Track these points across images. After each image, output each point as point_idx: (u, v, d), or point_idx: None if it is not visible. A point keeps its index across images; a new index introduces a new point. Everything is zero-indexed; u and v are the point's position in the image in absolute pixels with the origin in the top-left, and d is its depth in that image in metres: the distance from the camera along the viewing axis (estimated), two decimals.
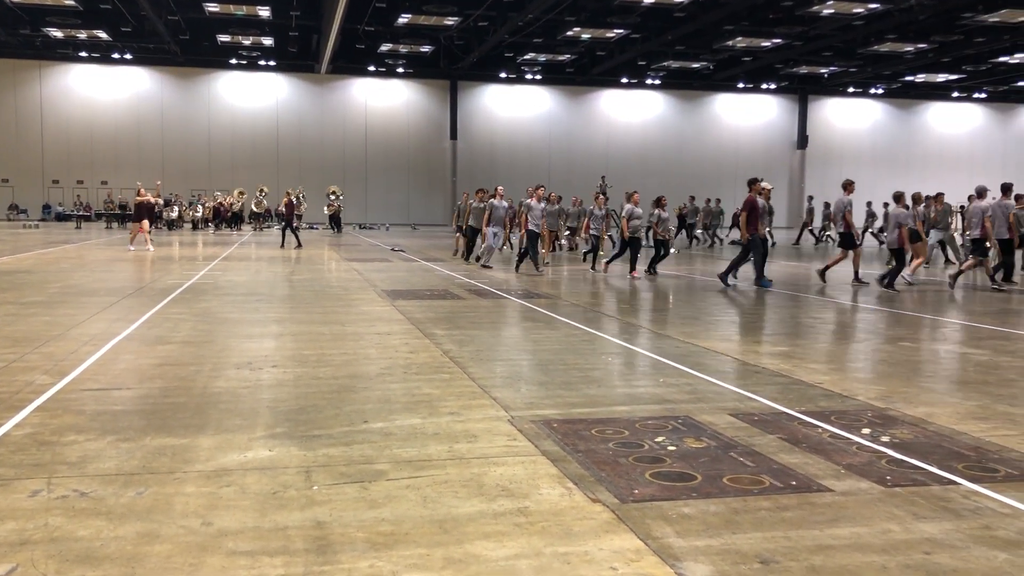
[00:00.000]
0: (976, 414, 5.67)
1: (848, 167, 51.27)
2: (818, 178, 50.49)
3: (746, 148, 51.10)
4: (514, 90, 49.01)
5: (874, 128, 52.91)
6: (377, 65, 45.68)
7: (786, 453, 4.71)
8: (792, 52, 39.91)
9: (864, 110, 52.95)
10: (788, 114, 52.20)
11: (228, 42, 42.21)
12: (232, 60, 45.35)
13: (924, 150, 52.75)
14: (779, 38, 37.23)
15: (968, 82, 48.04)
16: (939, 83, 48.91)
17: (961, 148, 53.15)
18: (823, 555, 3.35)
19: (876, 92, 51.71)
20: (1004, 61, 41.22)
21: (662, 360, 7.62)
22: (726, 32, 36.20)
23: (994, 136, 54.14)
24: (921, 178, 42.99)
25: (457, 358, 7.48)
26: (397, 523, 3.61)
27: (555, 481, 4.19)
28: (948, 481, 4.26)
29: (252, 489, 4.02)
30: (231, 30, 39.79)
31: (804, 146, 51.74)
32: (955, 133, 53.67)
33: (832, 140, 52.15)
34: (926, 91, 51.37)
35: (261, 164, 45.91)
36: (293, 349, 7.95)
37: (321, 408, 5.60)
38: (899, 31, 34.96)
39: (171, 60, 43.93)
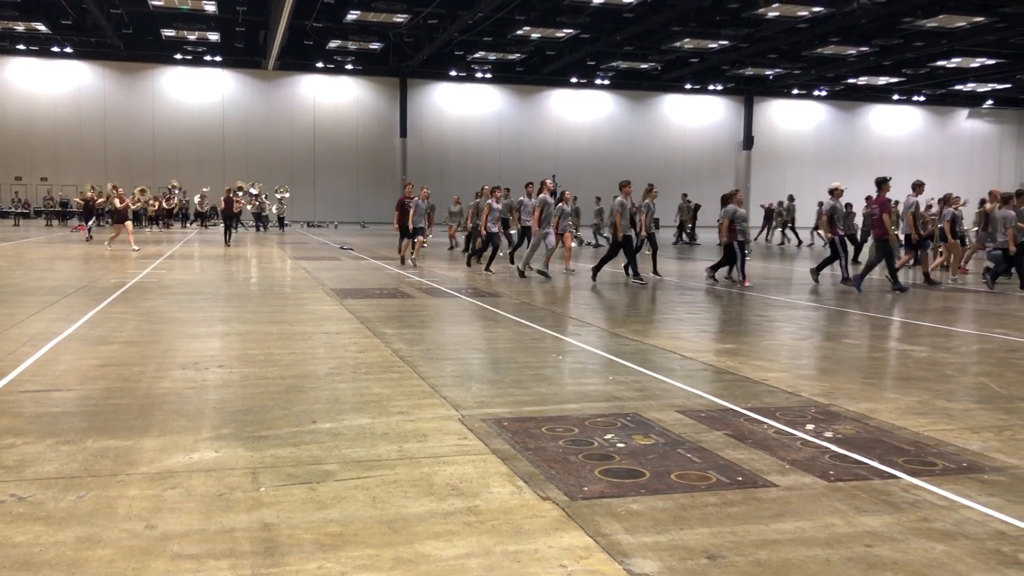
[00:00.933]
0: (916, 409, 5.82)
1: (792, 167, 52.17)
2: (763, 178, 51.35)
3: (693, 148, 51.71)
4: (464, 88, 48.93)
5: (818, 129, 53.91)
6: (326, 62, 45.24)
7: (732, 449, 4.77)
8: (738, 54, 40.48)
9: (808, 111, 53.91)
10: (734, 115, 52.93)
11: (173, 37, 41.45)
12: (177, 55, 44.53)
13: (866, 151, 53.89)
14: (725, 40, 37.74)
15: (908, 85, 49.20)
16: (880, 86, 50.03)
17: (901, 149, 54.41)
18: (768, 549, 3.41)
19: (819, 94, 52.69)
20: (942, 65, 42.29)
21: (612, 358, 7.67)
22: (674, 33, 36.57)
23: (932, 138, 55.54)
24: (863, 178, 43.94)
25: (407, 357, 7.45)
26: (346, 524, 3.59)
27: (505, 480, 4.19)
28: (889, 475, 4.36)
29: (198, 491, 3.95)
30: (176, 25, 39.07)
31: (750, 147, 52.51)
32: (895, 135, 54.93)
33: (777, 141, 53.01)
34: (868, 93, 52.50)
35: (207, 161, 45.18)
36: (240, 349, 7.84)
37: (269, 408, 5.53)
38: (842, 34, 35.66)
39: (114, 54, 43.00)
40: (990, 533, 3.61)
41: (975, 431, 5.26)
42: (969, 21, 32.42)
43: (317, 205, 48.00)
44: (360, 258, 20.93)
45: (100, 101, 44.89)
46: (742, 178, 51.80)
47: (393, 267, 17.97)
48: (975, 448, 4.88)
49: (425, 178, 40.56)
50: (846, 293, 14.02)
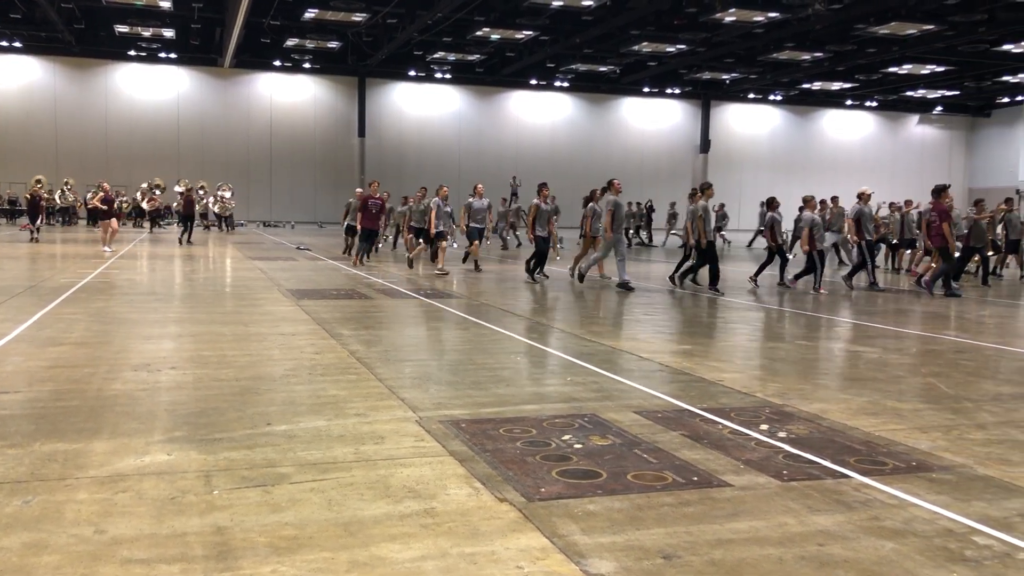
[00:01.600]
0: (867, 410, 5.92)
1: (748, 171, 52.83)
2: (720, 182, 51.73)
3: (651, 151, 52.10)
4: (424, 88, 48.77)
5: (773, 133, 54.62)
6: (283, 60, 44.79)
7: (688, 449, 4.81)
8: (695, 58, 40.87)
9: (764, 116, 54.61)
10: (691, 119, 53.42)
11: (127, 33, 40.72)
12: (131, 52, 43.77)
13: (819, 155, 54.73)
14: (683, 44, 38.08)
15: (861, 91, 50.08)
16: (834, 91, 50.85)
17: (854, 154, 55.34)
18: (723, 549, 3.44)
19: (775, 98, 53.40)
20: (894, 71, 43.10)
21: (570, 359, 7.69)
22: (632, 37, 36.81)
23: (884, 143, 56.58)
24: (817, 182, 44.55)
25: (364, 359, 7.40)
26: (301, 527, 3.55)
27: (462, 481, 4.18)
28: (840, 475, 4.43)
29: (149, 495, 3.89)
30: (130, 20, 38.39)
31: (707, 150, 53.04)
32: (848, 139, 55.86)
33: (733, 145, 53.61)
34: (822, 98, 53.33)
35: (161, 159, 44.47)
36: (193, 350, 7.73)
37: (222, 411, 5.46)
38: (797, 40, 36.17)
39: (65, 50, 42.14)
40: (938, 531, 3.68)
41: (924, 431, 5.36)
42: (919, 29, 33.08)
43: (273, 205, 47.51)
44: (317, 258, 20.76)
45: (51, 97, 43.96)
46: (699, 181, 52.30)
47: (350, 267, 17.83)
48: (924, 447, 4.98)
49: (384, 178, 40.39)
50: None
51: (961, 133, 57.49)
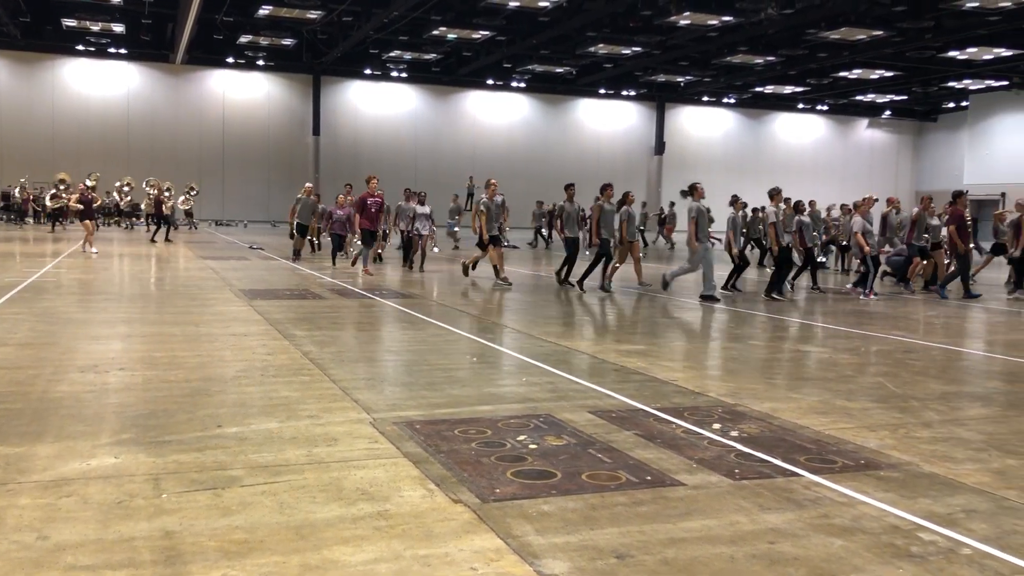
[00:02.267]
0: (817, 409, 6.01)
1: (702, 173, 53.36)
2: (674, 183, 52.21)
3: (607, 152, 52.36)
4: (380, 87, 48.44)
5: (727, 136, 55.23)
6: (236, 57, 44.16)
7: (642, 449, 4.84)
8: (651, 60, 41.16)
9: (717, 118, 55.19)
10: (647, 121, 53.80)
11: (75, 27, 39.83)
12: (79, 46, 42.83)
13: (772, 158, 55.45)
14: (638, 46, 38.32)
15: (812, 95, 50.86)
16: (786, 95, 51.57)
17: (805, 157, 56.18)
18: (675, 548, 3.46)
19: (729, 101, 54.00)
20: (844, 76, 43.86)
21: (526, 359, 7.70)
22: (588, 38, 36.95)
23: (835, 146, 57.52)
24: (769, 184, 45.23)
25: (318, 360, 7.33)
26: (251, 530, 3.50)
27: (417, 483, 4.16)
28: (791, 473, 4.49)
29: (95, 499, 3.80)
30: (78, 14, 37.58)
31: (661, 152, 53.47)
32: (800, 143, 56.70)
33: (687, 147, 54.09)
34: (774, 102, 54.05)
35: (111, 156, 43.58)
36: (143, 351, 7.58)
37: (172, 413, 5.36)
38: (750, 44, 36.63)
39: (10, 43, 41.06)
40: (885, 527, 3.75)
41: (872, 429, 5.46)
42: (869, 34, 33.70)
43: (226, 204, 46.84)
44: (270, 258, 20.51)
45: None
46: (654, 183, 52.74)
47: (304, 267, 17.64)
48: (872, 446, 5.06)
49: (339, 177, 39.99)
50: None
51: (909, 137, 58.68)
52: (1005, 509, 4.04)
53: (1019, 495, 4.24)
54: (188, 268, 17.01)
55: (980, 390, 7.03)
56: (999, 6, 28.03)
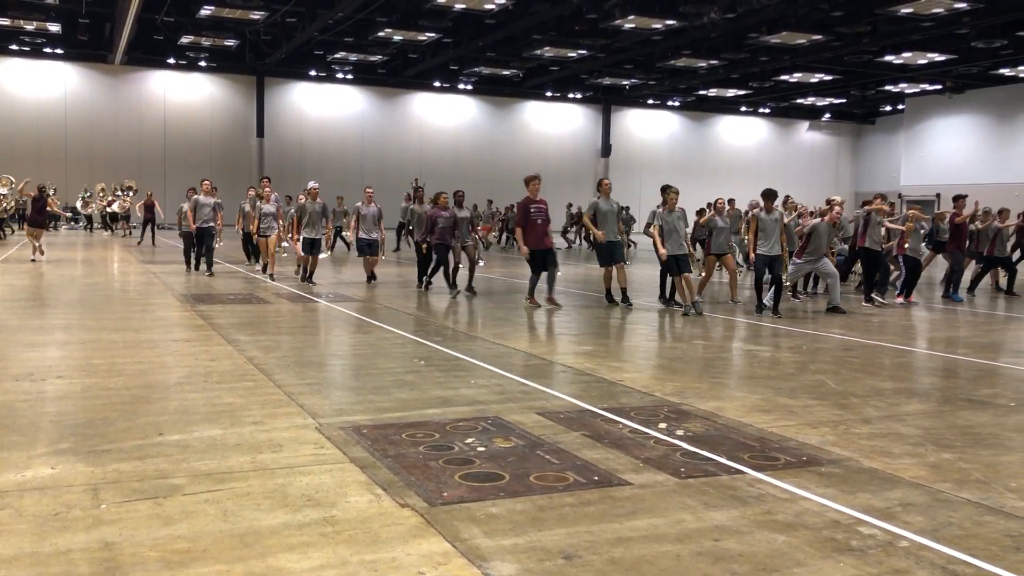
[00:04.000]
0: (760, 407, 6.10)
1: (648, 175, 53.93)
2: (620, 185, 52.73)
3: (554, 155, 52.58)
4: (324, 89, 48.00)
5: (672, 138, 55.87)
6: (178, 57, 43.36)
7: (589, 449, 4.87)
8: (596, 63, 41.44)
9: (662, 121, 55.79)
10: (593, 123, 54.17)
11: (8, 26, 38.72)
12: (13, 46, 41.67)
13: (716, 160, 56.24)
14: (584, 49, 38.56)
15: (754, 97, 51.69)
16: (729, 98, 52.34)
17: (748, 158, 57.08)
18: (622, 547, 3.49)
19: (673, 104, 54.62)
20: (785, 79, 44.67)
21: (474, 362, 7.69)
22: (535, 41, 37.07)
23: (776, 148, 58.54)
24: (713, 185, 45.83)
25: (262, 365, 7.23)
26: (194, 539, 3.44)
27: (363, 488, 4.13)
28: (735, 471, 4.55)
29: (30, 511, 3.70)
30: (10, 13, 36.54)
31: (608, 154, 53.88)
32: (743, 145, 57.60)
33: (633, 149, 54.59)
34: (718, 105, 54.82)
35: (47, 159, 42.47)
36: (81, 358, 7.41)
37: (112, 421, 5.24)
38: (693, 47, 37.08)
39: None
40: (826, 523, 3.82)
41: (814, 426, 5.57)
42: (808, 39, 34.36)
43: (167, 207, 46.00)
44: (215, 262, 20.15)
45: None
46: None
47: (247, 271, 17.38)
48: (814, 442, 5.16)
49: (284, 180, 39.54)
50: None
51: (848, 139, 60.00)
52: (940, 502, 4.15)
53: (953, 488, 4.36)
54: (128, 273, 16.64)
55: (918, 386, 7.21)
56: (932, 12, 28.79)
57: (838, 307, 12.31)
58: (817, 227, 12.41)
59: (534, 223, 11.51)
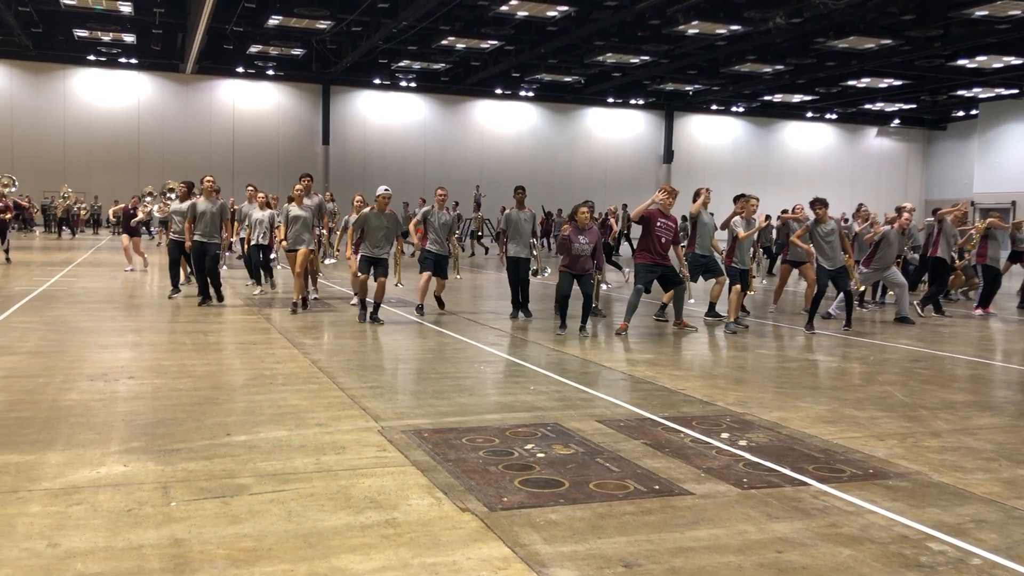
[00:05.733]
0: (825, 418, 5.99)
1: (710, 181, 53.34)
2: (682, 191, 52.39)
3: (614, 161, 52.40)
4: (388, 96, 48.61)
5: (735, 144, 55.20)
6: (246, 67, 44.38)
7: (650, 458, 4.84)
8: (659, 69, 41.20)
9: (726, 127, 55.17)
10: (655, 129, 53.82)
11: (86, 37, 40.09)
12: (90, 56, 43.12)
13: (780, 167, 55.40)
14: (647, 55, 38.36)
15: (820, 103, 50.80)
16: (795, 103, 51.52)
17: (814, 165, 56.10)
18: (683, 557, 3.46)
19: (737, 110, 54.00)
20: (853, 85, 43.80)
21: (533, 368, 7.70)
22: (597, 48, 37.01)
23: (843, 155, 57.44)
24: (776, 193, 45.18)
25: (326, 368, 7.34)
26: (260, 538, 3.51)
27: (424, 491, 4.16)
28: (799, 482, 4.48)
29: (104, 507, 3.82)
30: (89, 25, 37.82)
31: (670, 160, 53.47)
32: (809, 151, 56.63)
33: (696, 155, 54.09)
34: (783, 110, 54.02)
35: (121, 166, 43.83)
36: (152, 359, 7.62)
37: (181, 421, 5.38)
38: (758, 53, 36.61)
39: (22, 54, 41.37)
40: (893, 537, 3.73)
41: (881, 438, 5.44)
42: (877, 43, 33.66)
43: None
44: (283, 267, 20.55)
45: (7, 102, 43.12)
46: None
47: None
48: (880, 455, 5.05)
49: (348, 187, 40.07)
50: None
51: (918, 145, 58.56)
52: (1015, 519, 4.02)
53: None
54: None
55: (991, 399, 7.00)
56: (1008, 14, 27.95)
57: (906, 317, 12.03)
58: (887, 235, 12.14)
59: (657, 239, 10.36)
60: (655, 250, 10.35)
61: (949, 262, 13.70)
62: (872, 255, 12.40)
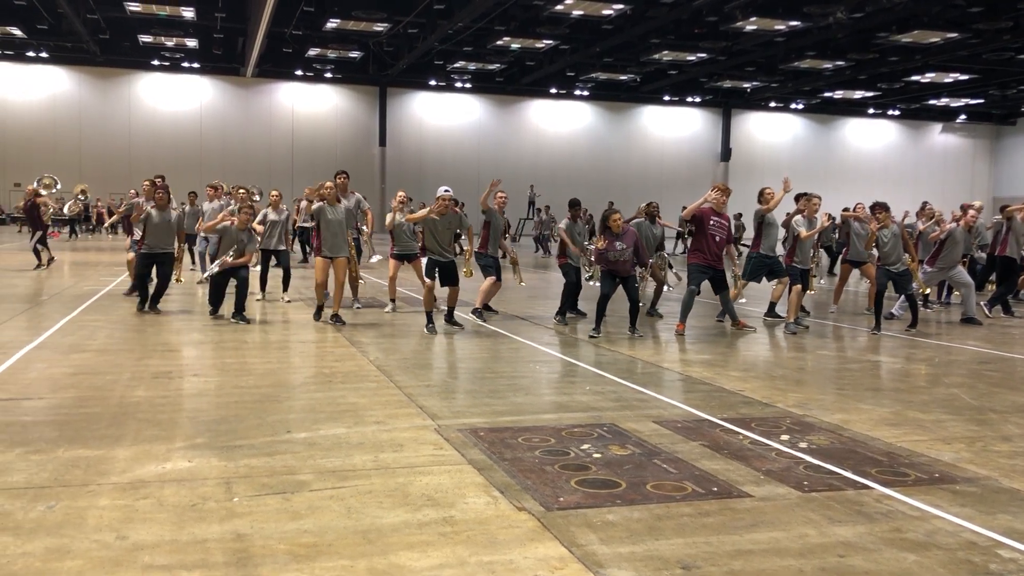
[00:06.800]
0: (888, 420, 5.86)
1: (769, 180, 52.61)
2: (740, 190, 51.73)
3: (671, 159, 51.97)
4: (444, 97, 48.92)
5: (794, 142, 54.34)
6: (305, 70, 45.08)
7: (708, 459, 4.79)
8: (716, 66, 40.75)
9: (785, 124, 54.34)
10: (712, 127, 53.25)
11: (150, 43, 41.15)
12: (154, 61, 44.22)
13: (841, 164, 54.37)
14: (703, 53, 37.98)
15: (883, 99, 49.74)
16: (856, 99, 50.53)
17: (876, 163, 54.94)
18: (742, 560, 3.42)
19: (796, 107, 53.15)
20: (916, 80, 42.78)
21: (589, 368, 7.68)
22: (652, 45, 36.77)
23: (907, 152, 56.15)
24: (837, 191, 44.32)
25: (384, 367, 7.42)
26: (320, 534, 3.56)
27: (481, 490, 4.18)
28: (862, 485, 4.39)
29: (170, 501, 3.91)
30: (153, 30, 38.79)
31: (727, 158, 52.86)
32: (870, 148, 55.48)
33: (754, 153, 53.37)
34: (844, 107, 53.01)
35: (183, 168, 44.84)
36: (215, 357, 7.78)
37: (243, 418, 5.49)
38: (818, 48, 35.99)
39: (90, 60, 42.60)
40: (961, 543, 3.64)
41: (947, 442, 5.31)
42: (943, 37, 32.83)
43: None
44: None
45: (76, 107, 44.43)
46: None
47: (370, 276, 17.84)
48: (947, 459, 4.92)
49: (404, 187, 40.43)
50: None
51: (985, 141, 56.96)
52: None
53: None
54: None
55: None
56: None
57: (973, 318, 11.71)
58: (952, 233, 11.82)
59: (711, 237, 9.98)
60: (709, 250, 10.03)
61: (1019, 261, 13.27)
62: (937, 254, 12.10)
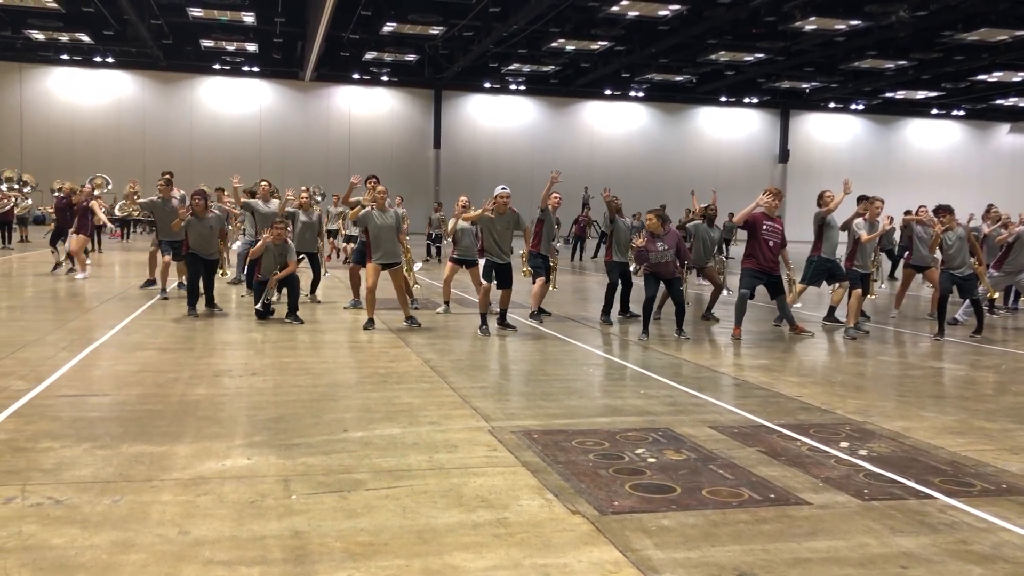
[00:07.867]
0: (953, 429, 5.72)
1: (828, 182, 51.67)
2: (799, 192, 50.93)
3: (727, 161, 51.38)
4: (498, 100, 49.07)
5: (854, 143, 53.33)
6: (361, 73, 45.61)
7: (765, 466, 4.72)
8: (774, 67, 40.19)
9: (845, 125, 53.36)
10: (770, 128, 52.52)
11: (211, 47, 42.03)
12: (215, 65, 45.13)
13: (903, 166, 53.21)
14: (761, 53, 37.49)
15: (947, 99, 48.54)
16: (919, 100, 49.39)
17: (939, 164, 53.65)
18: (800, 568, 3.36)
19: (857, 108, 52.15)
20: (983, 79, 41.66)
21: (643, 372, 7.63)
22: (709, 46, 36.41)
23: (972, 153, 54.72)
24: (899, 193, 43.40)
25: (438, 367, 7.46)
26: (375, 533, 3.60)
27: (535, 492, 4.18)
28: (925, 495, 4.29)
29: (230, 498, 3.99)
30: (215, 35, 39.62)
31: (786, 160, 52.08)
32: (933, 149, 54.19)
33: (813, 154, 52.51)
34: (906, 107, 51.85)
35: (243, 171, 45.62)
36: (273, 357, 7.90)
37: (300, 417, 5.57)
38: (880, 48, 35.28)
39: (153, 64, 43.66)
40: None
41: (1015, 452, 5.16)
42: (1011, 35, 31.91)
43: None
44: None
45: (140, 111, 45.56)
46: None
47: (420, 277, 17.96)
48: (1014, 470, 4.78)
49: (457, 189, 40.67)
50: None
51: None
52: None
53: None
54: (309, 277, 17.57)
55: None
56: None
57: None
58: (1020, 236, 11.50)
59: (764, 243, 9.77)
60: (763, 255, 9.78)
61: None
62: (1003, 258, 11.77)
